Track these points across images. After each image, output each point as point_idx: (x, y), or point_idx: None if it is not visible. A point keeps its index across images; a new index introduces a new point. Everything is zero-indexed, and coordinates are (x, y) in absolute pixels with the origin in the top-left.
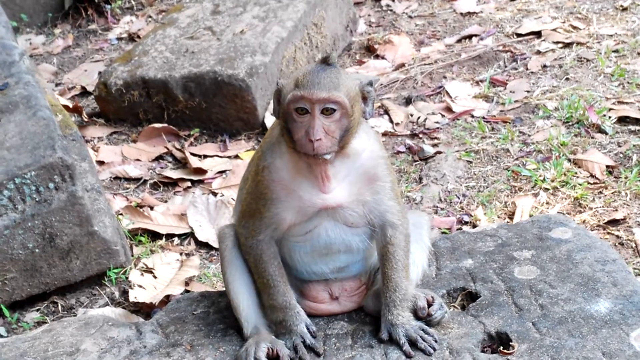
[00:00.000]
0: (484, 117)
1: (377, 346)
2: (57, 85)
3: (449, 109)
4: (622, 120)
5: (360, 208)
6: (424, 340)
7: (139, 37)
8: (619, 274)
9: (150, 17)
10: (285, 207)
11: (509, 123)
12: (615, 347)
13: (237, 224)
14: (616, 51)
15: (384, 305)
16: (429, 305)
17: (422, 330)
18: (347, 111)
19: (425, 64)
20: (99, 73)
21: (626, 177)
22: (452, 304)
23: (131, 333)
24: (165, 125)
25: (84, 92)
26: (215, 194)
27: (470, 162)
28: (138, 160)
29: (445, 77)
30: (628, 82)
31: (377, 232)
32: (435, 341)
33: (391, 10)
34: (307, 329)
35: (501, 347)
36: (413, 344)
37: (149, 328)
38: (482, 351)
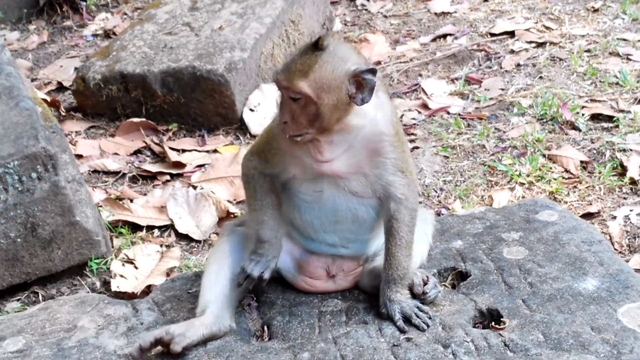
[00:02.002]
0: (459, 114)
1: (372, 322)
2: (32, 80)
3: (425, 106)
4: (595, 117)
5: (362, 179)
6: (418, 317)
7: (114, 33)
8: (605, 254)
9: (125, 14)
10: (289, 162)
11: (485, 120)
12: (604, 322)
13: (246, 156)
14: (588, 51)
15: (383, 281)
16: (424, 284)
17: (417, 307)
18: (312, 100)
19: (401, 62)
20: (77, 68)
21: (600, 172)
22: (443, 283)
23: (127, 310)
24: (144, 119)
25: (60, 87)
26: (195, 187)
27: (447, 157)
28: (116, 154)
29: (420, 75)
30: (600, 81)
31: (383, 204)
32: (430, 318)
33: (366, 9)
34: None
35: (492, 323)
36: (407, 320)
37: (145, 306)
38: (474, 327)
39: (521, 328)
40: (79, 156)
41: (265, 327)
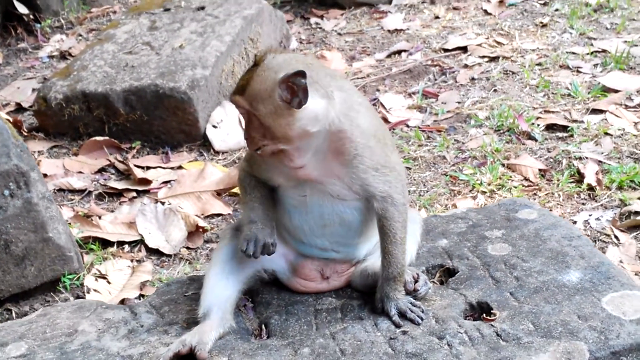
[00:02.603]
0: (419, 127)
1: (367, 318)
2: None
3: (384, 120)
4: (550, 127)
5: (338, 181)
6: (412, 311)
7: (70, 55)
8: (585, 248)
9: (80, 35)
10: (272, 171)
11: (444, 132)
12: (589, 310)
13: (241, 164)
14: (539, 64)
15: (382, 279)
16: (415, 281)
17: (411, 303)
18: (252, 112)
19: (358, 78)
20: (37, 88)
21: (558, 180)
22: (432, 280)
23: (126, 314)
24: (107, 138)
25: (20, 109)
26: (162, 203)
27: (410, 169)
28: (81, 172)
29: (378, 90)
30: (552, 93)
31: (370, 205)
32: (423, 312)
33: (320, 28)
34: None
35: (483, 315)
36: (402, 315)
37: (143, 309)
38: (466, 319)
39: (511, 319)
40: (44, 175)
41: (263, 326)
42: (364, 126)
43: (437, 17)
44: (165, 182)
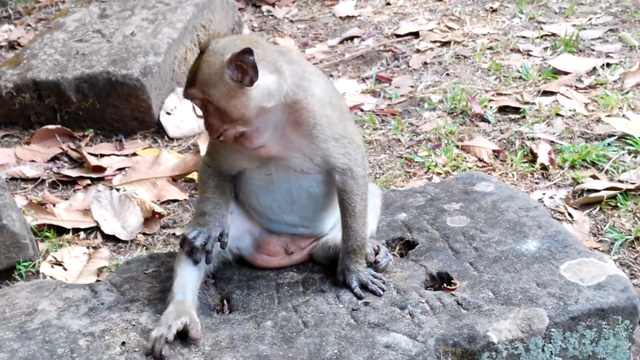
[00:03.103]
0: (373, 111)
1: (329, 290)
2: None
3: None
4: (502, 109)
5: (300, 155)
6: (373, 283)
7: (19, 45)
8: (542, 218)
9: (29, 25)
10: (234, 156)
11: (398, 115)
12: (548, 278)
13: (202, 157)
14: (490, 48)
15: (342, 252)
16: (376, 253)
17: (372, 275)
18: (207, 100)
19: (312, 64)
20: None
21: (512, 160)
22: (392, 253)
23: (86, 293)
24: (59, 126)
25: None
26: (117, 190)
27: (366, 152)
28: (33, 161)
29: (332, 75)
30: (504, 76)
31: (330, 178)
32: (384, 283)
33: (272, 15)
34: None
35: (444, 285)
36: (364, 287)
37: (103, 287)
38: (426, 289)
39: (472, 287)
40: None
41: (225, 301)
42: (318, 94)
43: (388, 4)
44: (120, 169)
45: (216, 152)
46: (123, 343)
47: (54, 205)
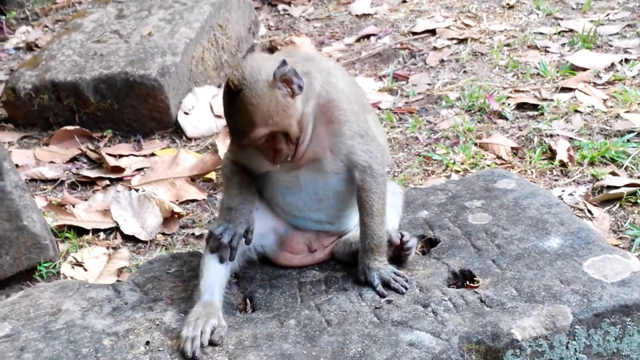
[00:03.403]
0: (391, 109)
1: (351, 289)
2: None
3: None
4: (520, 106)
5: (329, 154)
6: (396, 281)
7: (37, 46)
8: (564, 215)
9: (46, 26)
10: (262, 162)
11: (415, 113)
12: (571, 275)
13: (225, 153)
14: (508, 45)
15: (361, 250)
16: (402, 236)
17: (394, 272)
18: (274, 132)
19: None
20: (5, 80)
21: (530, 157)
22: (415, 251)
23: (109, 292)
24: (78, 127)
25: None
26: (137, 190)
27: (388, 150)
28: (52, 162)
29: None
30: (522, 73)
31: (351, 176)
32: (407, 281)
33: (288, 14)
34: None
35: (467, 282)
36: (386, 285)
37: (126, 287)
38: (449, 287)
39: (495, 285)
40: (15, 166)
41: (248, 300)
42: (346, 90)
43: (404, 1)
44: (139, 170)
45: (241, 153)
46: (147, 342)
47: (73, 206)
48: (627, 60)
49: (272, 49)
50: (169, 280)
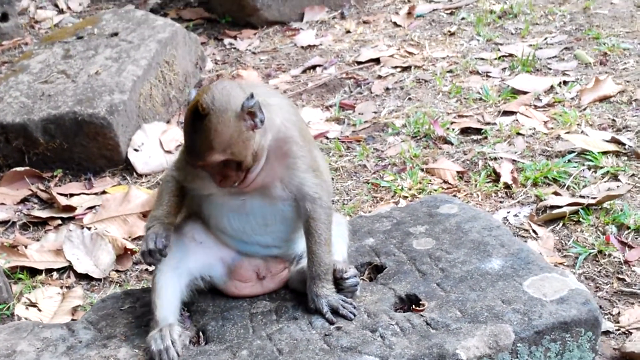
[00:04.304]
0: (338, 138)
1: (301, 317)
2: None
3: None
4: (464, 131)
5: (279, 183)
6: (344, 307)
7: None
8: (505, 237)
9: None
10: (209, 184)
11: (363, 141)
12: (512, 295)
13: (170, 167)
14: (450, 71)
15: (309, 279)
16: (345, 271)
17: (342, 300)
18: (229, 159)
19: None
20: None
21: (476, 180)
22: (361, 277)
23: (64, 332)
24: (27, 168)
25: None
26: (89, 229)
27: (332, 179)
28: (3, 204)
29: (296, 105)
30: (465, 98)
31: (299, 205)
32: (354, 307)
33: (234, 48)
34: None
35: (412, 306)
36: (335, 311)
37: (80, 326)
38: (396, 311)
39: (439, 307)
40: None
41: (201, 333)
42: (300, 128)
43: (348, 32)
44: (90, 208)
45: (189, 174)
46: None
47: (25, 247)
48: (565, 83)
49: (218, 81)
50: (122, 317)
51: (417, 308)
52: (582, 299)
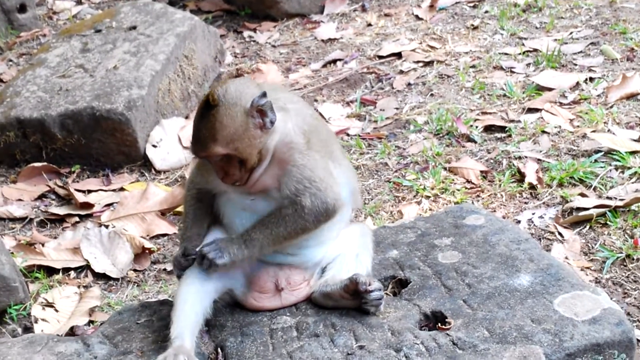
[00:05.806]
0: (359, 135)
1: (323, 334)
2: None
3: None
4: (488, 129)
5: (276, 187)
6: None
7: (1, 81)
8: (534, 251)
9: (11, 60)
10: (217, 183)
11: (384, 139)
12: (542, 313)
13: (192, 170)
14: (473, 66)
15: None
16: (369, 284)
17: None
18: (232, 154)
19: (295, 89)
20: None
21: (500, 180)
22: (385, 292)
23: (78, 346)
24: (45, 163)
25: None
26: (106, 226)
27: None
28: (20, 200)
29: (316, 100)
30: (488, 94)
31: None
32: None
33: (254, 41)
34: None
35: (438, 324)
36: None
37: (95, 340)
38: (421, 329)
39: (466, 326)
40: None
41: (219, 349)
42: (309, 137)
43: (369, 25)
44: (108, 205)
45: (204, 171)
46: None
47: (42, 245)
48: (591, 79)
49: (238, 77)
50: (138, 331)
51: (443, 326)
52: (616, 319)
